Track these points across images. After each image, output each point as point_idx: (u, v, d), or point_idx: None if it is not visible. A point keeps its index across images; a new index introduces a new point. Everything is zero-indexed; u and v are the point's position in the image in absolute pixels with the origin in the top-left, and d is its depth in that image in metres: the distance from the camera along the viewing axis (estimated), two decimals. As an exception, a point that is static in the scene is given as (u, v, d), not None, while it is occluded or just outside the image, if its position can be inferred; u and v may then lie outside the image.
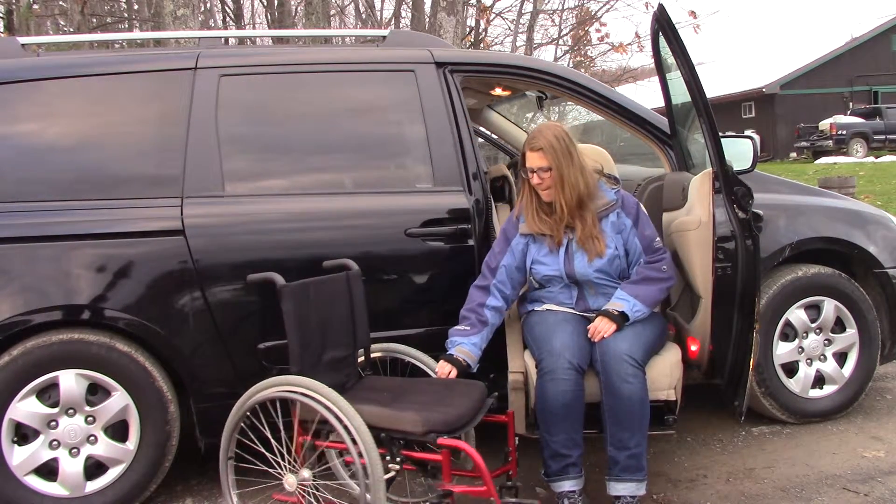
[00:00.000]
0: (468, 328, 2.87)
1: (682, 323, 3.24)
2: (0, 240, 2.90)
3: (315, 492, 2.44)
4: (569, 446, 2.69)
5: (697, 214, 3.04)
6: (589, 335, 2.81)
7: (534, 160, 2.88)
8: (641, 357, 2.73)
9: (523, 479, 2.90)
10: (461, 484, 2.50)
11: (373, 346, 2.90)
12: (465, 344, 2.83)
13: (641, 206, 3.02)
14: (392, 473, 2.47)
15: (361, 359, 2.87)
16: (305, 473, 2.44)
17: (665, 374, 2.82)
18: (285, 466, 2.48)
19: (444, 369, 2.79)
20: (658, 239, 2.99)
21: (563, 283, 2.94)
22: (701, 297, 3.03)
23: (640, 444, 2.70)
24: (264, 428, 2.56)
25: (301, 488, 2.43)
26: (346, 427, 2.32)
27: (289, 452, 2.50)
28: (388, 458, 2.42)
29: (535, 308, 2.99)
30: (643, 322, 2.83)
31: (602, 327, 2.79)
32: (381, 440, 2.39)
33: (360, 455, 2.30)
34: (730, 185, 2.97)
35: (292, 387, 2.44)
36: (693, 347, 3.05)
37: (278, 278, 2.53)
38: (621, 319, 2.80)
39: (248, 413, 2.53)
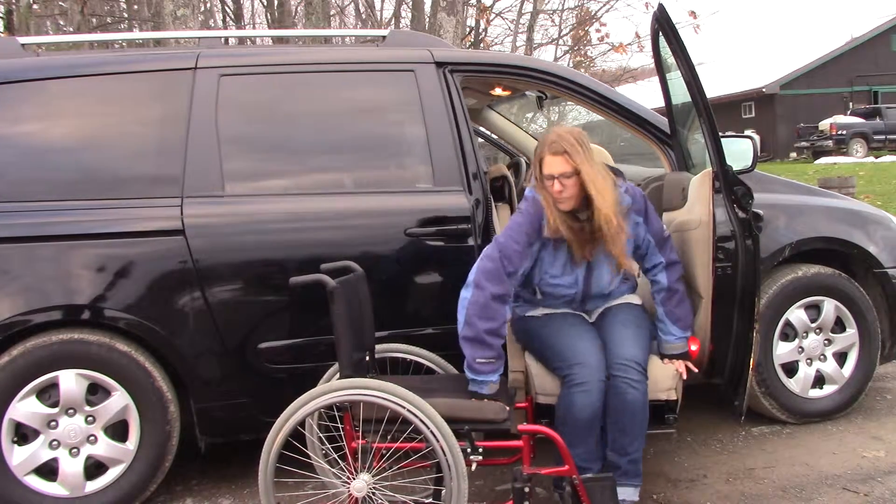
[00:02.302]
0: (494, 360, 2.60)
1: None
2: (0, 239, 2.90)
3: (376, 494, 2.39)
4: (590, 459, 2.65)
5: (697, 214, 3.04)
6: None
7: (555, 165, 2.64)
8: (645, 362, 2.71)
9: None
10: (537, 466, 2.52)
11: (378, 347, 2.89)
12: (496, 380, 2.62)
13: (646, 196, 2.95)
14: (474, 466, 2.44)
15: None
16: (367, 477, 2.39)
17: (666, 373, 2.82)
18: (350, 472, 2.41)
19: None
20: (665, 228, 2.94)
21: (574, 298, 2.83)
22: (701, 296, 3.03)
23: (640, 450, 2.70)
24: (334, 431, 2.51)
25: (370, 491, 2.38)
26: (426, 425, 2.30)
27: (343, 458, 2.46)
28: (468, 450, 2.40)
29: (531, 313, 2.89)
30: (641, 326, 2.81)
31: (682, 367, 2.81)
32: (459, 434, 2.36)
33: (443, 451, 2.29)
34: (730, 185, 2.97)
35: (363, 390, 2.36)
36: (693, 347, 3.05)
37: (328, 280, 2.45)
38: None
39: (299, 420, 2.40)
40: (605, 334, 2.78)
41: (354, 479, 2.39)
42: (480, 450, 2.43)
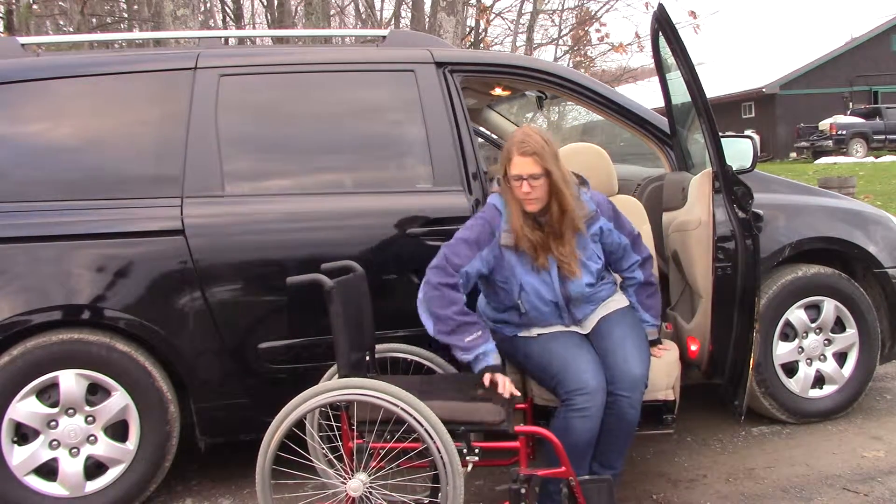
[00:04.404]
0: (480, 333, 2.58)
1: (681, 323, 3.24)
2: None
3: (372, 494, 2.39)
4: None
5: (697, 214, 3.04)
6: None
7: (525, 166, 2.60)
8: (648, 376, 2.65)
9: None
10: (535, 468, 2.49)
11: (378, 346, 2.89)
12: (496, 352, 2.60)
13: (612, 202, 2.89)
14: (470, 466, 2.43)
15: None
16: (364, 477, 2.39)
17: (663, 373, 2.81)
18: (346, 472, 2.41)
19: (505, 385, 2.50)
20: (634, 227, 2.89)
21: (557, 305, 2.74)
22: (701, 296, 3.03)
23: (623, 464, 2.69)
24: (331, 431, 2.52)
25: (366, 491, 2.37)
26: (422, 425, 2.30)
27: (339, 459, 2.46)
28: (464, 451, 2.39)
29: (522, 334, 2.76)
30: (640, 332, 2.77)
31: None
32: (456, 434, 2.36)
33: (438, 451, 2.29)
34: (729, 185, 2.97)
35: (358, 389, 2.36)
36: (693, 347, 3.05)
37: (325, 280, 2.45)
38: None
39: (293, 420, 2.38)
40: (606, 346, 2.68)
41: (351, 478, 2.39)
42: (477, 450, 2.42)
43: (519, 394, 2.52)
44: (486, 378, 2.53)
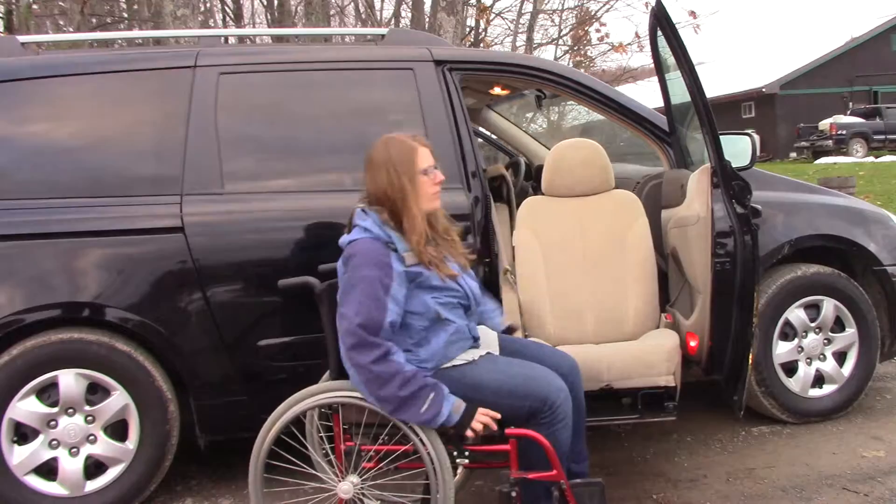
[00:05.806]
0: (433, 395, 2.27)
1: (680, 319, 3.24)
2: (-1, 238, 2.90)
3: (366, 495, 2.38)
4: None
5: (696, 209, 3.04)
6: None
7: (430, 157, 2.50)
8: None
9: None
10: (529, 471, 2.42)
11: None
12: (453, 399, 2.30)
13: None
14: (460, 469, 2.42)
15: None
16: (355, 479, 2.38)
17: (664, 359, 2.80)
18: (337, 474, 2.41)
19: (489, 421, 2.32)
20: None
21: (469, 309, 2.50)
22: (700, 292, 3.03)
23: (587, 450, 2.64)
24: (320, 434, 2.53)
25: (357, 493, 2.37)
26: (410, 427, 2.29)
27: (330, 461, 2.46)
28: (455, 453, 2.37)
29: (460, 359, 2.43)
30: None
31: None
32: (446, 436, 2.34)
33: (428, 453, 2.28)
34: (728, 180, 2.97)
35: (347, 392, 2.35)
36: (692, 343, 3.05)
37: (315, 282, 2.45)
38: None
39: (284, 423, 2.38)
40: (523, 351, 2.59)
41: (341, 481, 2.39)
42: (467, 452, 2.41)
43: (499, 416, 2.33)
44: (479, 428, 2.29)
